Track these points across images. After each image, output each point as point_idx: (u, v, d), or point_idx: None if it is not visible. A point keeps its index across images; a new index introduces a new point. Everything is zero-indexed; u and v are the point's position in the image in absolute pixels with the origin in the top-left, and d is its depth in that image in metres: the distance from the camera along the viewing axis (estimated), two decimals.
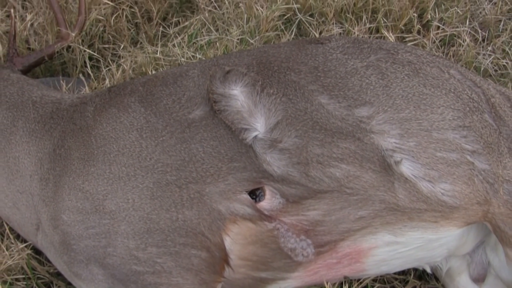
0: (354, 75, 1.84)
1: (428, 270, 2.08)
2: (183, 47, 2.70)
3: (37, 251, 2.16)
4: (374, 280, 2.12)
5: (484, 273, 2.06)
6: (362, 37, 2.66)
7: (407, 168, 1.76)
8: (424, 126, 1.78)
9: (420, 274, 2.20)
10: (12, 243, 2.13)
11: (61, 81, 2.60)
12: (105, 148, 1.84)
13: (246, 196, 1.75)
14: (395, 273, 2.14)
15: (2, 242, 2.15)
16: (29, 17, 2.91)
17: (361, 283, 2.01)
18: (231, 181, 1.75)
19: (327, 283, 1.90)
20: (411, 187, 1.76)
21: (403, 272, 2.16)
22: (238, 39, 2.65)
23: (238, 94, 1.81)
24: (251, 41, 2.63)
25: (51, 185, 1.89)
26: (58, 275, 2.11)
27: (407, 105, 1.80)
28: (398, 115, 1.79)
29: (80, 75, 2.72)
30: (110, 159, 1.82)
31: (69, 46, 2.74)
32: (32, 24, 2.92)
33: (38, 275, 2.13)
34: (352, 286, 2.00)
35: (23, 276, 2.10)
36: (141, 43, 2.89)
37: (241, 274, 1.82)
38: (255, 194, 1.77)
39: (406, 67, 1.87)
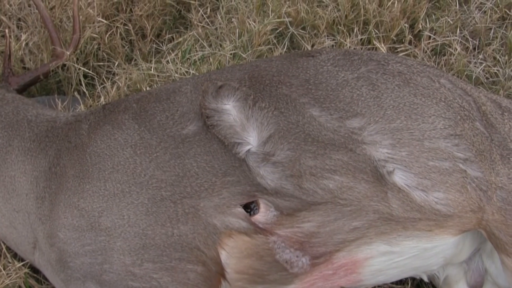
0: (345, 86, 1.85)
1: (425, 279, 2.07)
2: (177, 63, 2.70)
3: (34, 270, 2.15)
4: None
5: (482, 280, 2.05)
6: (354, 48, 2.67)
7: (399, 178, 1.76)
8: (415, 136, 1.79)
9: (418, 283, 2.18)
10: (10, 262, 2.13)
11: (57, 100, 2.59)
12: (100, 165, 1.84)
13: (240, 210, 1.75)
14: (392, 283, 2.13)
15: None
16: (24, 36, 2.93)
17: None
18: (226, 195, 1.75)
19: None
20: (405, 196, 1.76)
21: (400, 282, 2.15)
22: (231, 54, 2.66)
23: (230, 109, 1.82)
24: (244, 55, 2.64)
25: (47, 203, 1.89)
26: None
27: (398, 115, 1.81)
28: (389, 125, 1.79)
29: (75, 93, 2.71)
30: (105, 176, 1.82)
31: (64, 65, 2.74)
32: (27, 44, 2.93)
33: None
34: None
35: None
36: (135, 60, 2.89)
37: None
38: (249, 208, 1.77)
39: (396, 77, 1.88)
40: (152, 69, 2.69)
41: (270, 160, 1.76)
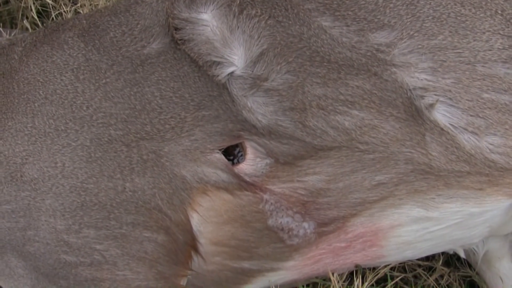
0: None
1: (462, 255, 1.82)
2: None
3: None
4: (392, 268, 1.89)
5: None
6: None
7: (443, 114, 1.48)
8: (465, 57, 1.50)
9: (447, 259, 1.97)
10: None
11: (2, 31, 2.26)
12: (29, 95, 1.55)
13: (219, 156, 1.47)
14: (419, 259, 1.91)
15: None
16: None
17: (377, 273, 1.78)
18: (199, 136, 1.48)
19: (333, 274, 1.65)
20: (449, 141, 1.48)
21: (427, 258, 1.93)
22: None
23: (208, 19, 1.52)
24: None
25: None
26: None
27: (440, 29, 1.52)
28: (428, 42, 1.50)
29: (25, 21, 2.46)
30: (34, 109, 1.52)
31: None
32: None
33: None
34: (366, 277, 1.77)
35: None
36: None
37: (215, 265, 1.56)
38: (232, 154, 1.52)
39: None
40: None
41: (262, 86, 1.47)
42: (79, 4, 2.41)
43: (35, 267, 1.47)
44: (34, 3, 2.44)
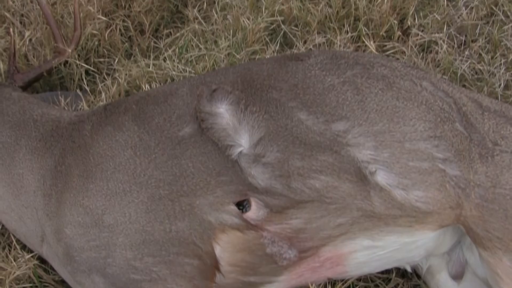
0: (331, 91, 1.90)
1: (409, 269, 2.13)
2: (174, 60, 2.77)
3: (42, 260, 2.24)
4: (358, 279, 2.16)
5: (462, 271, 2.10)
6: (343, 48, 2.74)
7: (381, 177, 1.82)
8: (397, 138, 1.84)
9: (402, 272, 2.23)
10: (19, 254, 2.22)
11: (60, 97, 2.65)
12: (102, 165, 1.91)
13: (233, 208, 1.82)
14: (378, 272, 2.19)
15: (9, 253, 2.24)
16: (27, 33, 2.99)
17: (345, 282, 2.06)
18: (219, 193, 1.82)
19: (311, 284, 1.96)
20: (386, 195, 1.82)
21: (386, 271, 2.20)
22: (225, 55, 2.71)
23: (223, 112, 1.88)
24: (237, 56, 2.70)
25: (54, 201, 1.97)
26: (63, 282, 2.18)
27: (380, 119, 1.86)
28: (372, 128, 1.84)
29: (77, 90, 2.77)
30: (107, 176, 1.89)
31: (66, 61, 2.82)
32: (30, 40, 2.99)
33: (45, 283, 2.22)
34: (336, 285, 2.06)
35: (31, 284, 2.18)
36: (134, 56, 2.95)
37: (231, 279, 1.89)
38: (241, 205, 1.83)
39: (380, 81, 1.93)
40: (151, 66, 2.75)
41: (260, 161, 1.82)
42: (117, 74, 2.79)
43: (112, 283, 1.84)
44: (79, 70, 2.79)
